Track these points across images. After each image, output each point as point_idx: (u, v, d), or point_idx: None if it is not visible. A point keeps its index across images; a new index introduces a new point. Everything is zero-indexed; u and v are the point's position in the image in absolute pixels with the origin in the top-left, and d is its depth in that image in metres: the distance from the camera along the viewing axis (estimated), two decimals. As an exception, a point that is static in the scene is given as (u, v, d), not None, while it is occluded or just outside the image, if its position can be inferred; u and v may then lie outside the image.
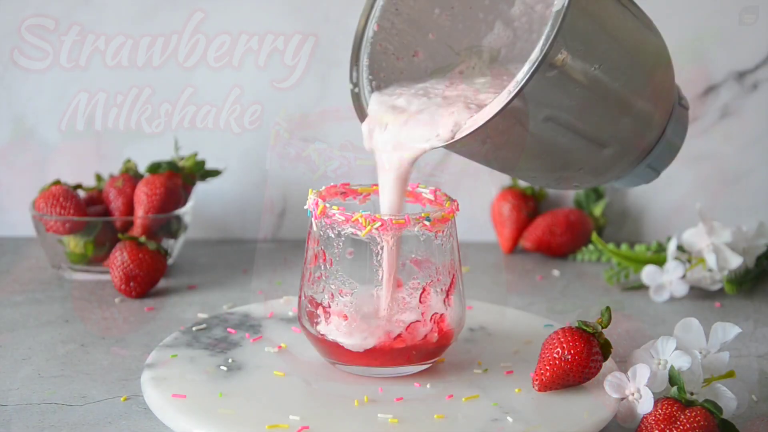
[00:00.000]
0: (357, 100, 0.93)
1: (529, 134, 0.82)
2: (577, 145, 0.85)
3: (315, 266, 0.90)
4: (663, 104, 0.87)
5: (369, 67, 0.93)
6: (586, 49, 0.79)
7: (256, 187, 1.39)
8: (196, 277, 1.24)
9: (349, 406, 0.85)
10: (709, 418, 0.80)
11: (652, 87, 0.86)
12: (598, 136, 0.85)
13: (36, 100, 1.35)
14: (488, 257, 1.35)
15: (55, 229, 1.18)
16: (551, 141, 0.84)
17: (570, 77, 0.78)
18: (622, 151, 0.88)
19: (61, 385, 0.92)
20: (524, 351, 0.96)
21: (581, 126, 0.83)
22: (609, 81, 0.82)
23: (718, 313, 1.15)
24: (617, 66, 0.82)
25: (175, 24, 1.34)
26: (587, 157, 0.87)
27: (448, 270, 0.90)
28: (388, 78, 0.94)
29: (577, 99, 0.80)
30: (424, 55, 0.95)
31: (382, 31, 0.93)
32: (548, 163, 0.87)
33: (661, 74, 0.87)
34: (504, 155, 0.86)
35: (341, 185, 0.95)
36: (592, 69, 0.80)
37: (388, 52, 0.94)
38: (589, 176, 0.89)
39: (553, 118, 0.81)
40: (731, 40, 1.35)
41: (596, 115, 0.83)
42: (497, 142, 0.83)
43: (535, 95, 0.78)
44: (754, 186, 1.38)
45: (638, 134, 0.87)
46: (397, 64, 0.94)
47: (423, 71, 0.95)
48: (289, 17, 1.35)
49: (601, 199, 1.37)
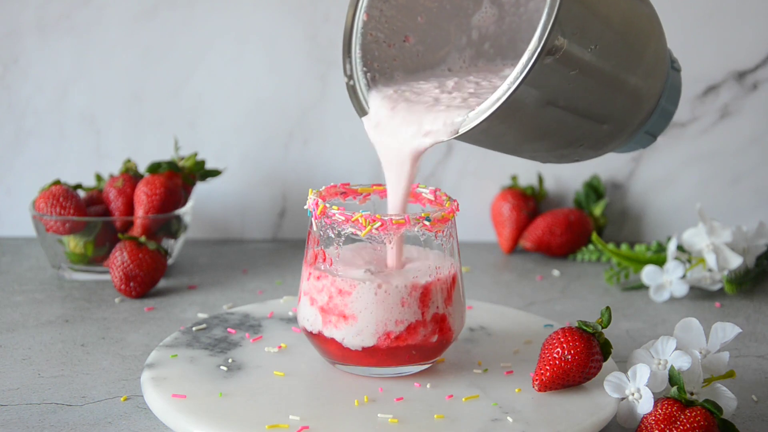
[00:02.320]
0: (353, 92, 0.93)
1: (530, 119, 0.83)
2: (578, 124, 0.86)
3: (315, 266, 0.90)
4: (658, 73, 0.88)
5: (362, 58, 0.93)
6: (582, 32, 0.80)
7: (256, 187, 1.39)
8: (196, 277, 1.24)
9: (349, 406, 0.85)
10: (709, 418, 0.80)
11: (647, 59, 0.86)
12: (598, 114, 0.86)
13: (36, 100, 1.35)
14: (488, 257, 1.35)
15: (55, 229, 1.18)
16: (552, 124, 0.85)
17: (568, 62, 0.79)
18: (621, 124, 0.89)
19: (61, 385, 0.92)
20: (524, 351, 0.96)
21: (581, 106, 0.84)
22: (605, 60, 0.83)
23: (718, 313, 1.15)
24: (612, 44, 0.83)
25: (175, 24, 1.34)
26: (588, 135, 0.88)
27: (449, 270, 0.90)
28: (381, 67, 0.94)
29: (575, 81, 0.81)
30: (414, 39, 0.96)
31: (371, 20, 0.93)
32: (550, 143, 0.88)
33: (655, 44, 0.87)
34: (506, 140, 0.87)
35: (341, 185, 0.95)
36: (589, 51, 0.80)
37: (379, 40, 0.94)
38: (590, 151, 0.90)
39: (553, 102, 0.82)
40: (731, 40, 1.35)
41: (595, 94, 0.84)
42: (498, 130, 0.83)
43: (534, 83, 0.79)
44: (754, 186, 1.38)
45: (636, 107, 0.88)
46: (390, 51, 0.95)
47: (415, 55, 0.96)
48: (289, 17, 1.35)
49: (601, 199, 1.37)
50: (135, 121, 1.37)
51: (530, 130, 0.85)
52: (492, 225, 1.39)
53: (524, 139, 0.87)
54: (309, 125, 1.38)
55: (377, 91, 0.93)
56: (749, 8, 1.34)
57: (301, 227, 1.39)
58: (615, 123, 0.88)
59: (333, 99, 1.36)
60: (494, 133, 0.84)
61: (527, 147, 0.89)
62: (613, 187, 1.40)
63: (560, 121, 0.84)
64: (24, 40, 1.33)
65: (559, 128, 0.86)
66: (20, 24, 1.33)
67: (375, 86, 0.93)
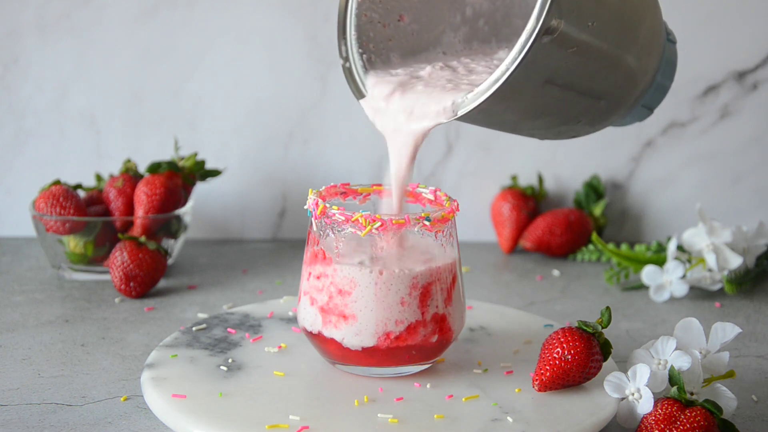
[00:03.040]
0: (350, 74, 0.93)
1: (529, 98, 0.83)
2: (576, 101, 0.86)
3: (315, 266, 0.90)
4: (654, 47, 0.89)
5: (357, 39, 0.93)
6: (579, 10, 0.80)
7: (256, 187, 1.39)
8: (196, 277, 1.24)
9: (349, 406, 0.85)
10: (709, 418, 0.80)
11: (643, 33, 0.87)
12: (596, 91, 0.86)
13: (36, 100, 1.35)
14: (488, 257, 1.35)
15: (55, 229, 1.18)
16: (551, 102, 0.85)
17: (565, 40, 0.80)
18: (619, 99, 0.89)
19: (61, 385, 0.92)
20: (524, 351, 0.96)
21: (579, 84, 0.85)
22: (603, 37, 0.83)
23: (718, 313, 1.15)
24: (610, 21, 0.83)
25: (175, 24, 1.34)
26: (586, 111, 0.88)
27: (448, 270, 0.90)
28: (377, 48, 0.94)
29: (573, 60, 0.81)
30: (409, 17, 0.96)
31: (365, 0, 0.93)
32: (548, 121, 0.88)
33: (651, 17, 0.88)
34: (504, 119, 0.87)
35: (341, 185, 0.95)
36: (586, 29, 0.81)
37: (374, 20, 0.94)
38: (588, 127, 0.91)
39: (551, 80, 0.82)
40: (731, 40, 1.35)
41: (593, 71, 0.85)
42: (497, 110, 0.84)
43: (532, 63, 0.79)
44: (754, 186, 1.38)
45: (633, 82, 0.88)
46: (384, 32, 0.95)
47: (410, 35, 0.96)
48: (289, 17, 1.35)
49: (601, 199, 1.37)
50: (135, 121, 1.37)
51: (529, 109, 0.85)
52: (492, 225, 1.39)
53: (523, 118, 0.87)
54: (309, 125, 1.38)
55: (374, 74, 0.93)
56: (749, 8, 1.34)
57: (301, 227, 1.39)
58: (612, 98, 0.88)
59: (333, 99, 1.36)
60: (493, 112, 0.84)
61: (526, 125, 0.89)
62: (613, 187, 1.40)
63: (558, 99, 0.85)
64: (24, 40, 1.33)
65: (557, 106, 0.86)
66: (20, 24, 1.33)
67: (372, 69, 0.93)
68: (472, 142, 1.38)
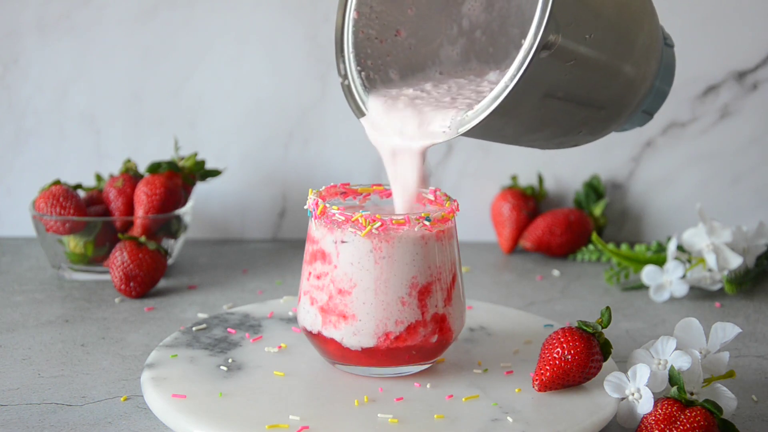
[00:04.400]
0: (349, 92, 0.93)
1: (529, 112, 0.83)
2: (576, 112, 0.86)
3: (315, 266, 0.90)
4: (653, 53, 0.89)
5: (355, 57, 0.93)
6: (576, 23, 0.80)
7: (256, 187, 1.39)
8: (196, 277, 1.24)
9: (349, 406, 0.85)
10: (709, 418, 0.80)
11: (641, 41, 0.87)
12: (595, 101, 0.87)
13: (36, 100, 1.35)
14: (488, 257, 1.35)
15: (55, 229, 1.18)
16: (551, 114, 0.85)
17: (563, 55, 0.80)
18: (619, 107, 0.89)
19: (61, 385, 0.92)
20: (524, 351, 0.96)
21: (579, 95, 0.85)
22: (600, 49, 0.83)
23: (718, 313, 1.15)
24: (607, 31, 0.83)
25: (175, 24, 1.34)
26: (586, 121, 0.88)
27: (449, 270, 0.90)
28: (375, 65, 0.94)
29: (571, 72, 0.81)
30: (406, 32, 0.96)
31: (362, 17, 0.93)
32: (549, 133, 0.88)
33: (648, 24, 0.88)
34: (505, 133, 0.87)
35: (341, 185, 0.95)
36: (584, 41, 0.81)
37: (371, 37, 0.94)
38: (588, 136, 0.91)
39: (551, 94, 0.82)
40: (731, 40, 1.35)
41: (591, 82, 0.85)
42: (497, 125, 0.84)
43: (532, 78, 0.79)
44: (754, 186, 1.38)
45: (632, 89, 0.89)
46: (382, 48, 0.95)
47: (407, 49, 0.96)
48: (289, 17, 1.35)
49: (601, 199, 1.37)
50: (135, 121, 1.37)
51: (529, 122, 0.85)
52: (492, 225, 1.39)
53: (523, 131, 0.87)
54: (309, 125, 1.38)
55: (375, 93, 0.93)
56: (749, 8, 1.34)
57: (301, 227, 1.39)
58: (612, 107, 0.89)
59: (333, 99, 1.36)
60: (493, 128, 0.84)
61: (526, 137, 0.89)
62: (613, 187, 1.40)
63: (558, 111, 0.85)
64: (24, 40, 1.33)
65: (557, 118, 0.86)
66: (20, 24, 1.33)
67: (372, 87, 0.93)
68: (472, 142, 1.38)
